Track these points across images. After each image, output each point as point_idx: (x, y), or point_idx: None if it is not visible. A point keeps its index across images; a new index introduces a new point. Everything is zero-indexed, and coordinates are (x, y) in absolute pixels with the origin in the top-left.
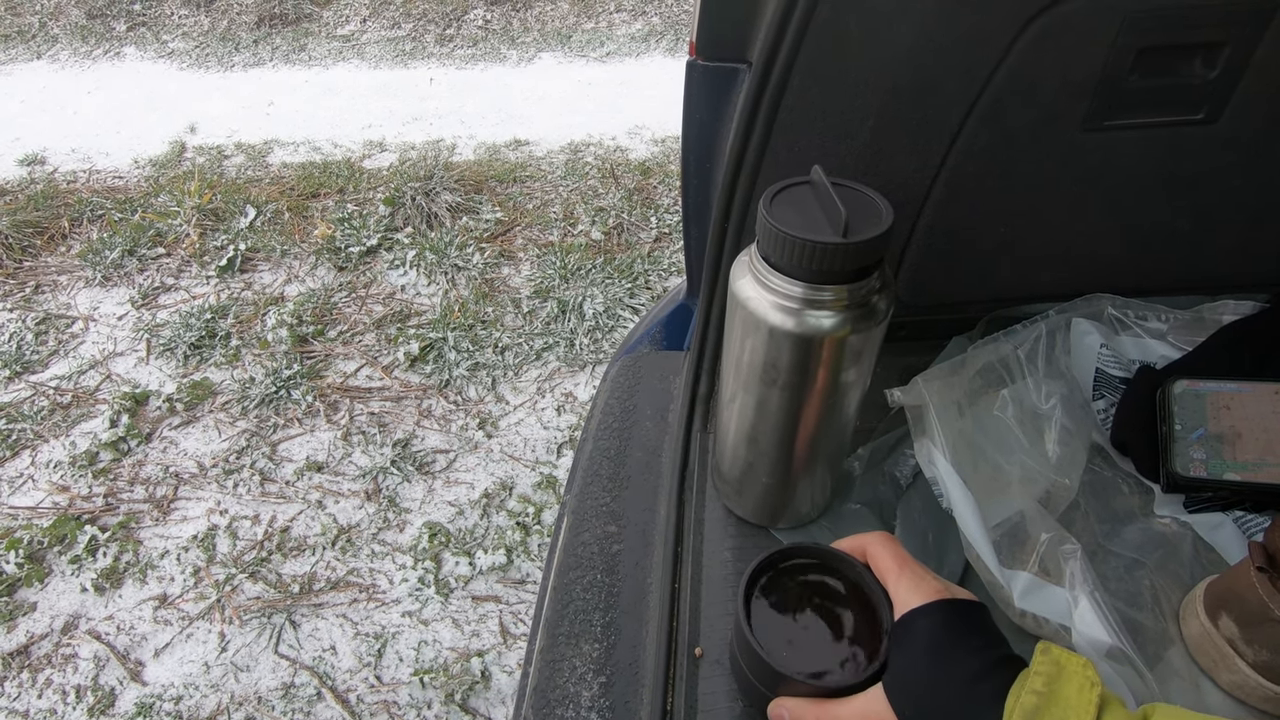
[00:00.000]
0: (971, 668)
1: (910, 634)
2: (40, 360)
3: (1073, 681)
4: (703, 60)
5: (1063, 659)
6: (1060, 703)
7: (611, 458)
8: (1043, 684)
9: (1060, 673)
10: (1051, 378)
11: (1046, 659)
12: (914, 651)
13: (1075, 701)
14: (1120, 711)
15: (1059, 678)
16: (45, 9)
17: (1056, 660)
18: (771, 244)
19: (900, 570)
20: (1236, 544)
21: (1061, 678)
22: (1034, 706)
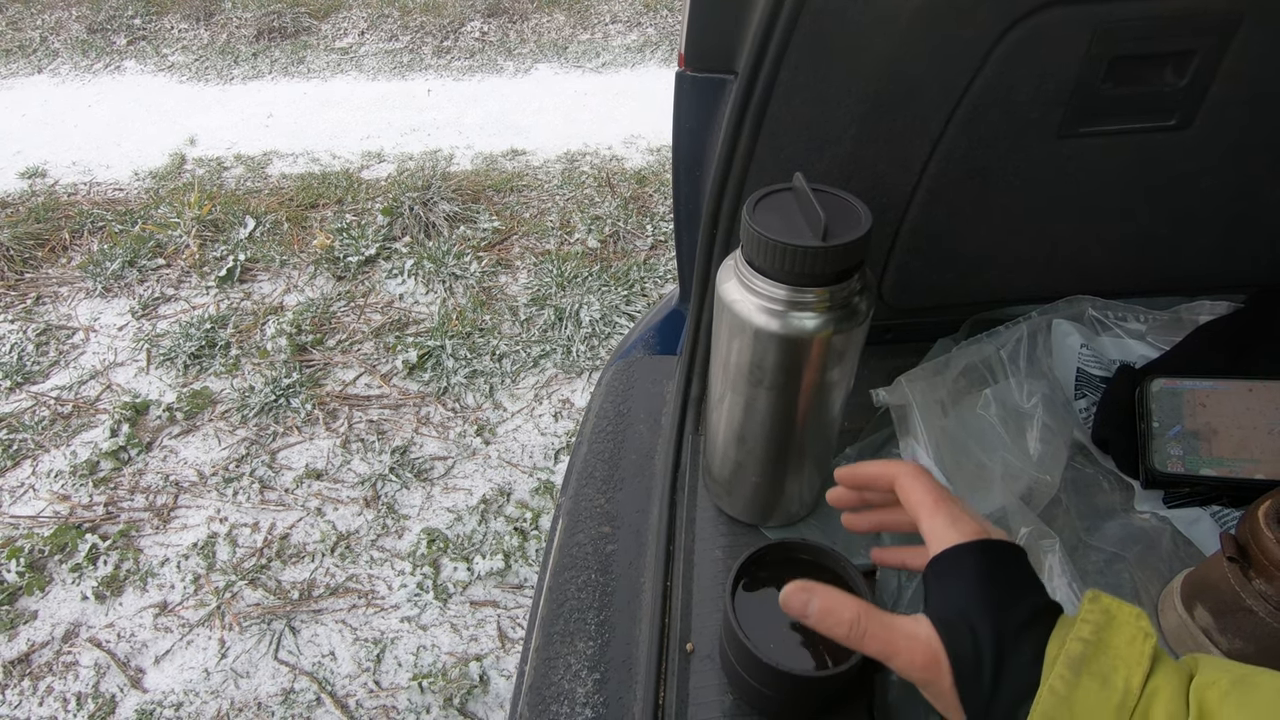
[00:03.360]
0: (1015, 613)
1: (954, 570)
2: (41, 371)
3: (1123, 631)
4: (691, 71)
5: (1113, 608)
6: (1109, 652)
7: (606, 460)
8: (1090, 632)
9: (1110, 622)
10: (1034, 377)
11: (1095, 607)
12: (956, 589)
13: (1126, 652)
14: (1170, 664)
15: (1108, 627)
16: (46, 24)
17: (1106, 609)
18: (755, 248)
19: (936, 505)
20: (1214, 538)
21: (1111, 627)
22: (1080, 655)
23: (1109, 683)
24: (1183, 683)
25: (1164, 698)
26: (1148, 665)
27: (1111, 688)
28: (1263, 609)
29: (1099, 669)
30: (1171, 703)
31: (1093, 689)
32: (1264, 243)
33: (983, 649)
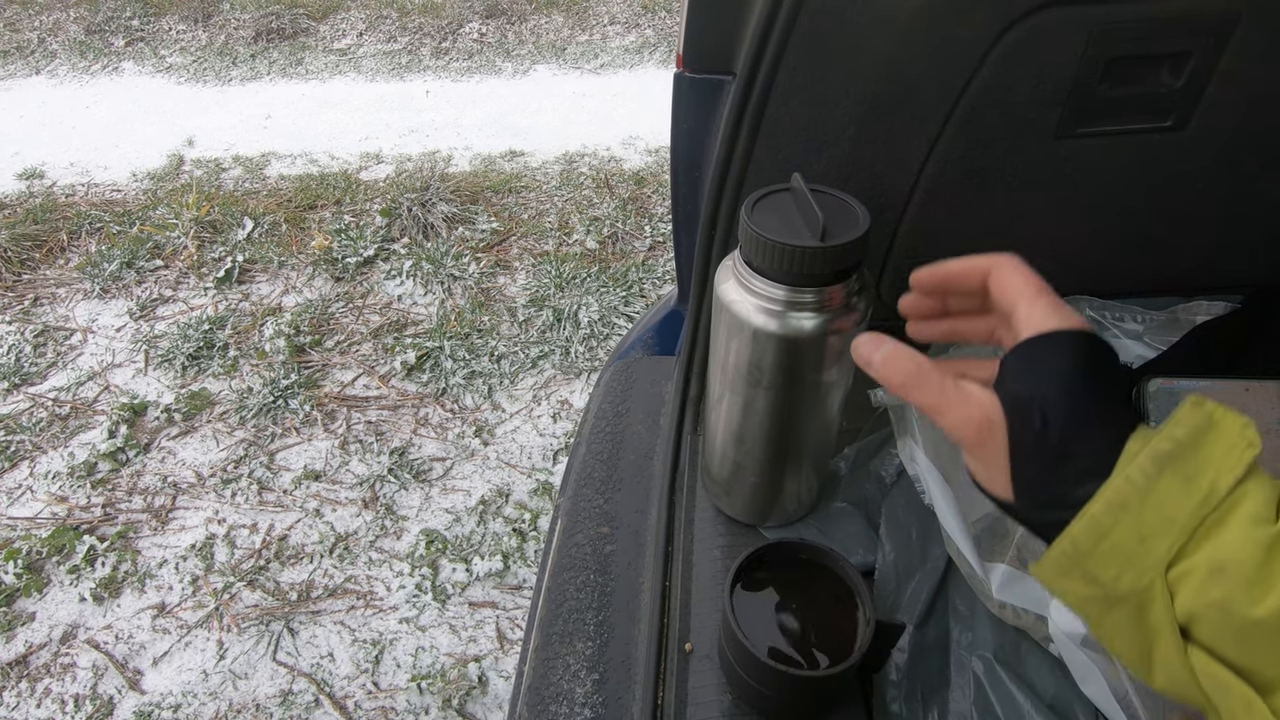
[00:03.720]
0: (1098, 399)
1: (1044, 352)
2: (39, 372)
3: (1224, 439)
4: (689, 72)
5: (1217, 414)
6: (1201, 455)
7: (604, 461)
8: (1185, 434)
9: (1211, 427)
10: None
11: (1198, 411)
12: (1040, 370)
13: (1221, 459)
14: (1268, 477)
15: (1208, 432)
16: (44, 25)
17: (1209, 414)
18: (753, 248)
19: (1039, 292)
20: None
21: (1212, 432)
22: (1167, 452)
23: (1193, 482)
24: (1275, 497)
25: (1252, 502)
26: (1241, 472)
27: (1195, 487)
28: None
29: (1186, 469)
30: (1261, 507)
31: (1174, 486)
32: (1260, 242)
33: (1050, 422)
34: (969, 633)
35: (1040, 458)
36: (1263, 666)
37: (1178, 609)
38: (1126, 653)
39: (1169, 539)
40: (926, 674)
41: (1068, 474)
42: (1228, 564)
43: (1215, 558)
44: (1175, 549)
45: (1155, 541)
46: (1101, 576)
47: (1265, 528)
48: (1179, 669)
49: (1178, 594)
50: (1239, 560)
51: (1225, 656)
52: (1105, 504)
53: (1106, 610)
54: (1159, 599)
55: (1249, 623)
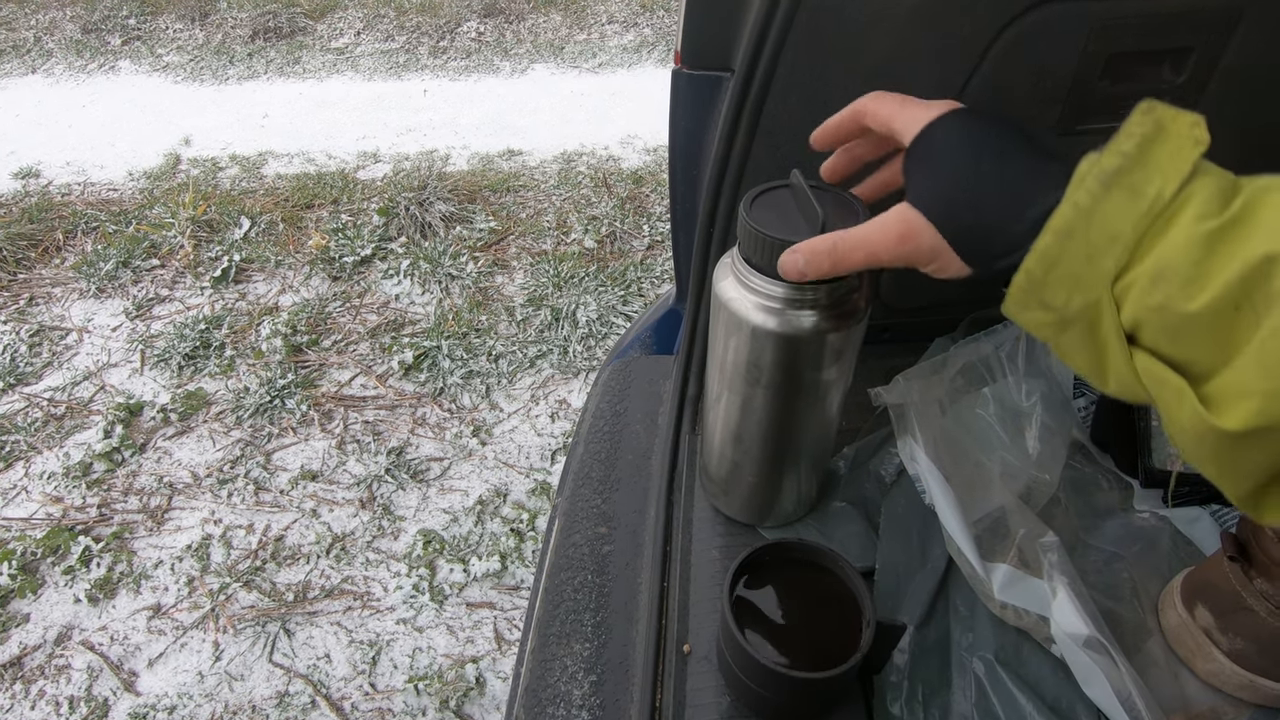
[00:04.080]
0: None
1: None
2: (34, 372)
3: (1170, 143)
4: (688, 69)
5: (1166, 119)
6: (1149, 164)
7: (602, 460)
8: (1134, 146)
9: (1159, 134)
10: (1032, 376)
11: (1147, 119)
12: (946, 150)
13: (1168, 164)
14: (1218, 172)
15: (1156, 139)
16: (40, 24)
17: (1159, 120)
18: (752, 245)
19: (902, 104)
20: (1213, 537)
21: (1159, 139)
22: (1115, 169)
23: (1139, 194)
24: (1225, 188)
25: (1197, 201)
26: (1187, 171)
27: (1141, 198)
28: (1264, 608)
29: (1132, 182)
30: (1205, 205)
31: (1120, 201)
32: None
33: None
34: (970, 633)
35: (975, 228)
36: (1197, 359)
37: (1124, 318)
38: (1082, 366)
39: (1114, 255)
40: (927, 675)
41: (1010, 224)
42: (1167, 268)
43: (1157, 264)
44: (1121, 263)
45: (1101, 260)
46: (1054, 302)
47: (1207, 223)
48: (1126, 374)
49: (1123, 305)
50: (1178, 263)
51: (1164, 354)
52: (1053, 234)
53: (1062, 331)
54: (1106, 313)
55: (1184, 318)
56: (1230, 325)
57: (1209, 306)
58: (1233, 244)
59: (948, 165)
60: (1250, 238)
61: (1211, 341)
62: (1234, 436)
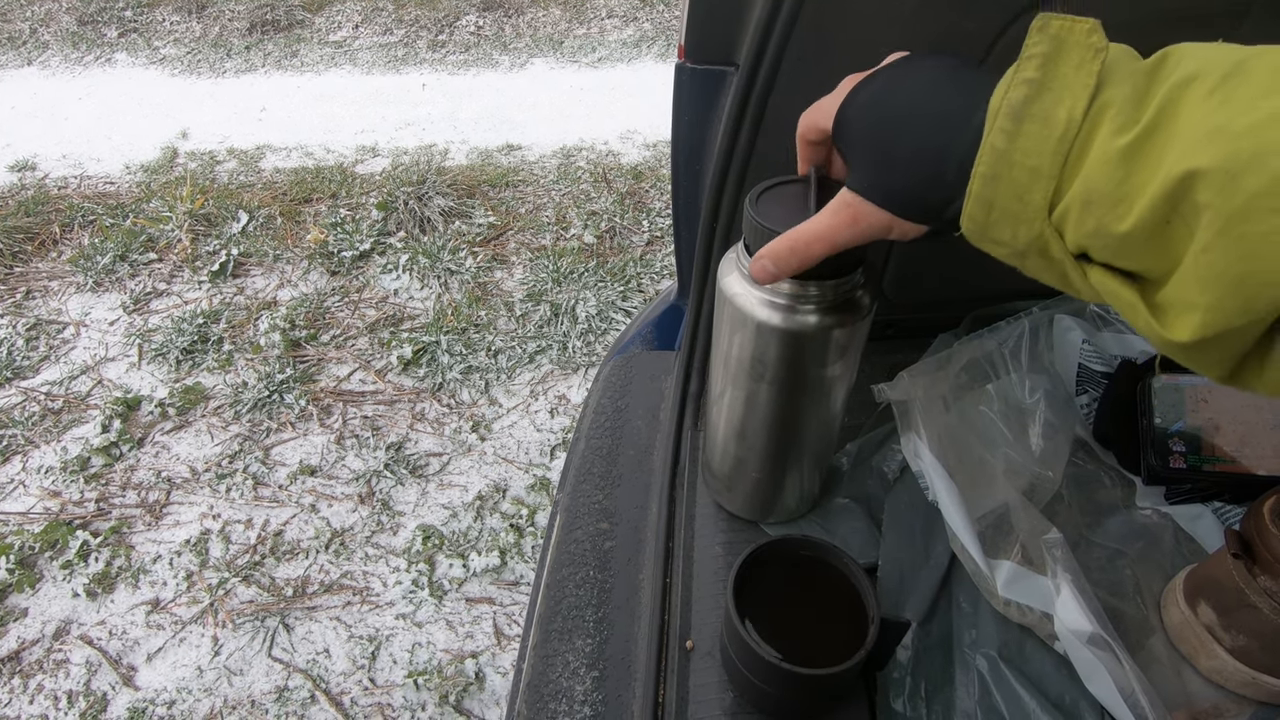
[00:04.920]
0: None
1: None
2: (31, 366)
3: (1072, 57)
4: (691, 63)
5: (1063, 31)
6: (1056, 85)
7: (604, 456)
8: (1036, 68)
9: (1059, 50)
10: (1035, 373)
11: (1043, 37)
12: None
13: (1073, 80)
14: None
15: (1057, 56)
16: (36, 15)
17: (1056, 35)
18: (757, 240)
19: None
20: (1216, 534)
21: (1060, 56)
22: (1023, 99)
23: (1050, 120)
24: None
25: (1110, 114)
26: (1093, 85)
27: (1052, 124)
28: (1267, 605)
29: (1042, 109)
30: (1119, 116)
31: (1033, 133)
32: None
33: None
34: (973, 630)
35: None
36: (1146, 268)
37: (1068, 245)
38: (1053, 283)
39: (1040, 189)
40: (930, 672)
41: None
42: (1093, 192)
43: (1083, 190)
44: (1049, 195)
45: (1030, 196)
46: (1002, 238)
47: (1123, 137)
48: (1086, 288)
49: (1064, 233)
50: (1101, 185)
51: (1116, 266)
52: (980, 179)
53: (1021, 260)
54: (1052, 241)
55: (1119, 239)
56: (1165, 238)
57: (1140, 225)
58: (1151, 158)
59: (864, 148)
60: (1168, 149)
61: (1153, 254)
62: (1187, 345)
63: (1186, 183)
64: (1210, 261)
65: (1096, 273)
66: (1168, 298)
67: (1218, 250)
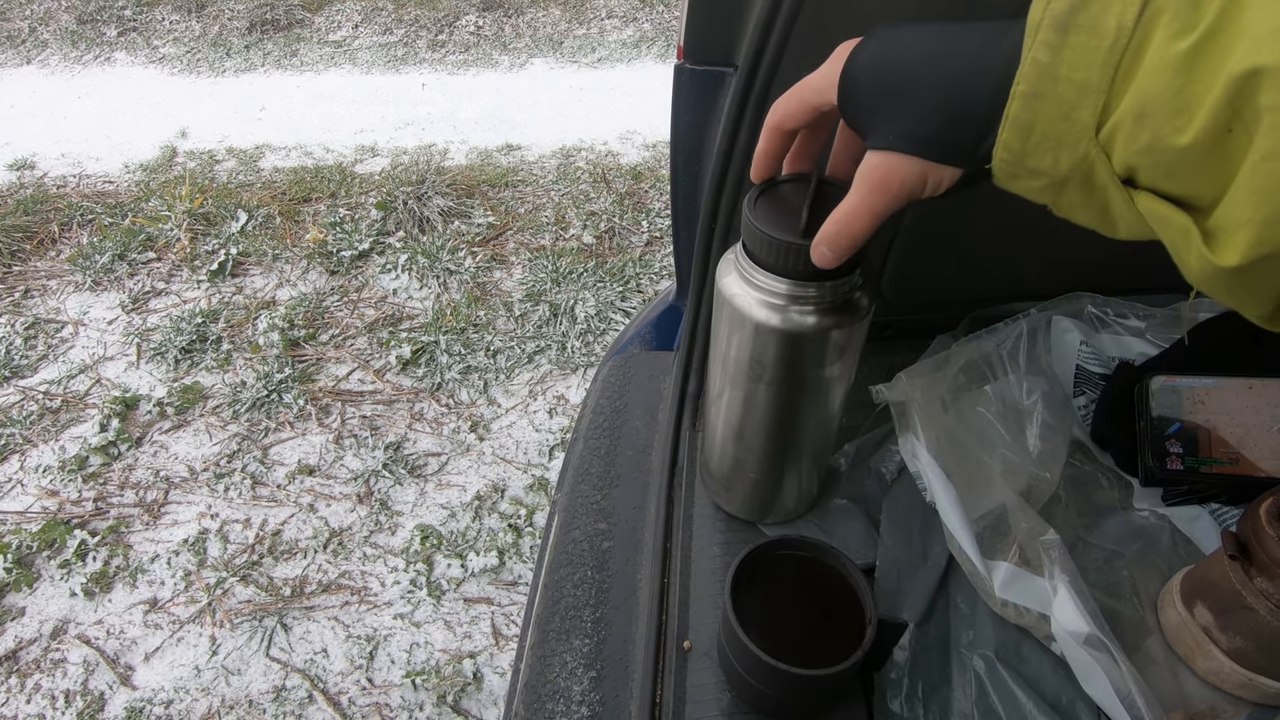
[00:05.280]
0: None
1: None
2: (29, 365)
3: None
4: (690, 64)
5: None
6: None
7: (602, 456)
8: None
9: None
10: (1033, 374)
11: None
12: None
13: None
14: None
15: None
16: (35, 14)
17: None
18: (756, 242)
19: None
20: (1213, 535)
21: None
22: (1069, 7)
23: (1099, 30)
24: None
25: (1165, 18)
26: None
27: (1102, 34)
28: (1264, 607)
29: (1089, 18)
30: (1175, 20)
31: (1080, 44)
32: None
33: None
34: (970, 631)
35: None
36: (1199, 191)
37: (1116, 166)
38: (1088, 221)
39: (1089, 105)
40: (927, 673)
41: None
42: (1149, 104)
43: (1137, 102)
44: (1098, 111)
45: (1078, 114)
46: (1041, 167)
47: (1181, 41)
48: (1132, 218)
49: (1112, 152)
50: (1158, 95)
51: (1165, 191)
52: (1021, 100)
53: (1059, 192)
54: (1098, 164)
55: (1177, 153)
56: (1225, 150)
57: (1201, 135)
58: (1214, 60)
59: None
60: (1232, 48)
61: (1210, 170)
62: (1237, 270)
63: (1250, 83)
64: (1270, 171)
65: (1145, 198)
66: (1219, 220)
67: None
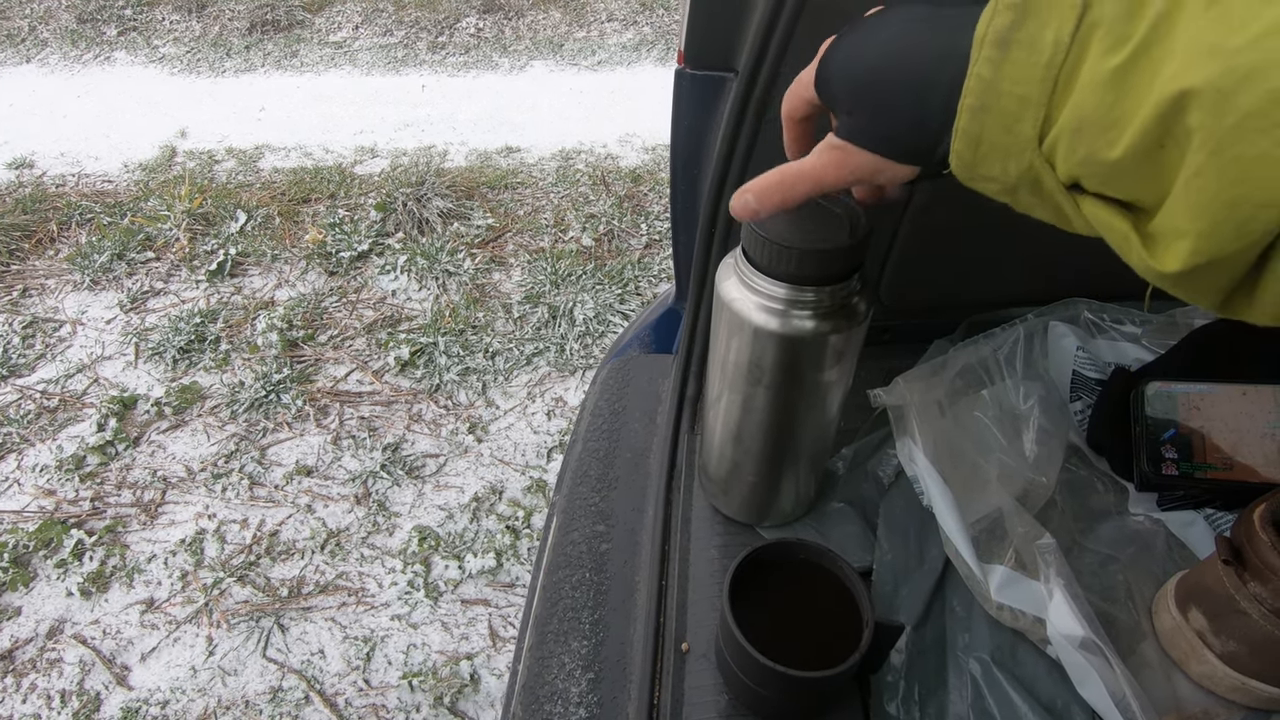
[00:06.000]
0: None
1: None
2: (27, 364)
3: None
4: (691, 69)
5: None
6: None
7: (600, 458)
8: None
9: None
10: (1029, 379)
11: None
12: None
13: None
14: None
15: None
16: (35, 13)
17: None
18: (755, 248)
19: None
20: (1207, 541)
21: None
22: (1008, 25)
23: (1036, 46)
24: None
25: (1100, 33)
26: (1080, 4)
27: (1039, 49)
28: (1257, 612)
29: (1029, 34)
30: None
31: (1020, 60)
32: None
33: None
34: (966, 634)
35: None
36: (1139, 197)
37: (1060, 174)
38: (1046, 219)
39: (1030, 119)
40: (924, 675)
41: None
42: (1083, 118)
43: (1073, 116)
44: (1039, 124)
45: (1019, 127)
46: (992, 173)
47: (1114, 57)
48: (1080, 221)
49: (1055, 163)
50: (1092, 111)
51: (1110, 195)
52: (968, 113)
53: (1013, 196)
54: (1043, 173)
55: (1111, 166)
56: (1158, 164)
57: (1132, 150)
58: (1144, 77)
59: (847, 96)
60: (1162, 66)
61: (1145, 182)
62: (1179, 274)
63: (1179, 103)
64: (1201, 186)
65: (1089, 204)
66: (1159, 227)
67: (1209, 174)
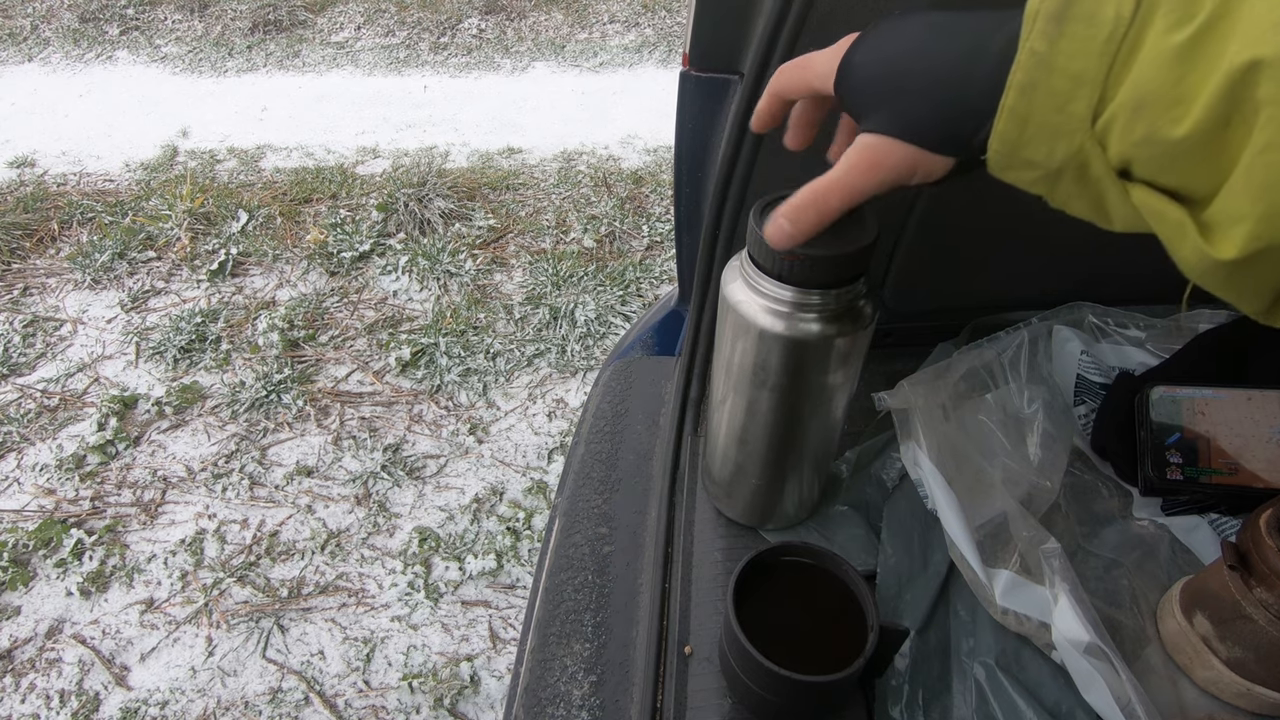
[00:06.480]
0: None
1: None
2: (27, 363)
3: None
4: (695, 71)
5: None
6: None
7: (603, 461)
8: None
9: None
10: (1034, 383)
11: None
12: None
13: None
14: None
15: None
16: (37, 12)
17: None
18: (760, 250)
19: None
20: (1212, 545)
21: None
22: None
23: (1096, 20)
24: None
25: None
26: None
27: (1099, 23)
28: (1263, 617)
29: (1086, 8)
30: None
31: (1078, 35)
32: None
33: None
34: (971, 639)
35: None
36: (1195, 184)
37: (1111, 158)
38: (1082, 212)
39: (1085, 97)
40: (928, 680)
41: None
42: (1145, 95)
43: (1134, 94)
44: (1094, 103)
45: (1073, 105)
46: (1036, 158)
47: (1178, 33)
48: (1127, 211)
49: (1108, 144)
50: (1155, 87)
51: (1160, 184)
52: (1017, 90)
53: (1054, 184)
54: (1093, 156)
55: (1173, 145)
56: (1222, 142)
57: (1197, 127)
58: (1211, 52)
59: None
60: (1229, 40)
61: (1206, 163)
62: (1234, 264)
63: (1249, 75)
64: (1269, 163)
65: (1140, 191)
66: (1214, 214)
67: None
